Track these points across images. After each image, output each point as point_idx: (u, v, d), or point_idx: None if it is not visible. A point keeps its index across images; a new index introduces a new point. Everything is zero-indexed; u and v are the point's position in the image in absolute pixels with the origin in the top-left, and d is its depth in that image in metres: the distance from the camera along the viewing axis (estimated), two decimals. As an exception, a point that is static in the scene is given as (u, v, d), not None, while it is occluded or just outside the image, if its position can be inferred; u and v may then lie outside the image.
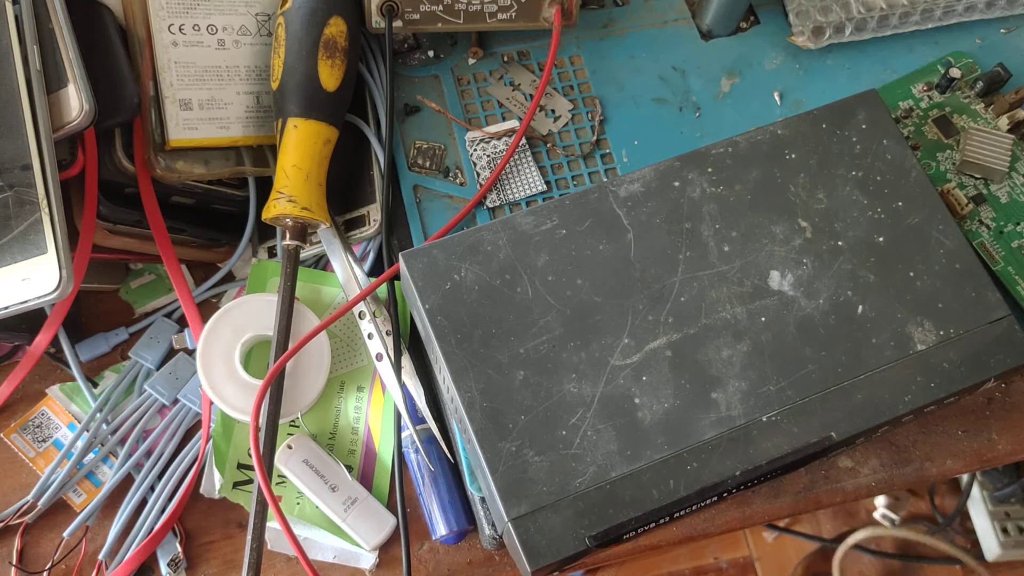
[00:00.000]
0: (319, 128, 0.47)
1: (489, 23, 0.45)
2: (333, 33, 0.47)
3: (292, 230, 0.46)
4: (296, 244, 0.46)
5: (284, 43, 0.47)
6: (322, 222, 0.47)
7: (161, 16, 0.46)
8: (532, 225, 0.42)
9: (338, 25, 0.47)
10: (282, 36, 0.47)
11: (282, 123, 0.47)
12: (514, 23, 0.46)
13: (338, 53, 0.47)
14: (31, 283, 0.39)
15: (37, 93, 0.40)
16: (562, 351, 0.40)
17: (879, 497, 1.09)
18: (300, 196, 0.46)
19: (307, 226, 0.47)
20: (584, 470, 0.38)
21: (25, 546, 0.46)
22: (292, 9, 0.47)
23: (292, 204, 0.45)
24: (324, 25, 0.47)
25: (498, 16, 0.45)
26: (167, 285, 0.51)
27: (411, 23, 0.46)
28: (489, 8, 0.44)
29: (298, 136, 0.46)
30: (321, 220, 0.47)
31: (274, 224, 0.47)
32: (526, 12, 0.46)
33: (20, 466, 0.48)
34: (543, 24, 0.46)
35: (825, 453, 0.41)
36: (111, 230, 0.47)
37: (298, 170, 0.46)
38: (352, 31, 0.48)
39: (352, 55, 0.48)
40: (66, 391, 0.49)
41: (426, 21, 0.47)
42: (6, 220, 0.40)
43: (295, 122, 0.46)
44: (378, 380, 0.48)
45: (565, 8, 0.46)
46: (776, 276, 0.43)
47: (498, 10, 0.44)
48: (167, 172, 0.46)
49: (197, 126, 0.47)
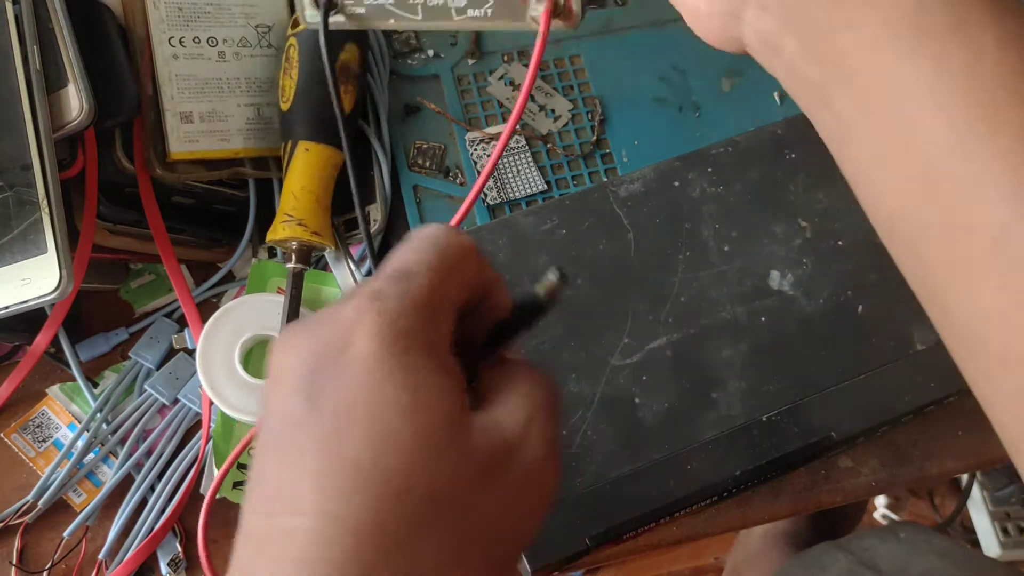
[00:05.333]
0: (330, 152, 0.47)
1: (456, 20, 0.35)
2: (347, 59, 0.47)
3: (298, 253, 0.46)
4: (302, 267, 0.46)
5: (297, 65, 0.46)
6: (329, 246, 0.47)
7: (161, 29, 0.46)
8: (532, 225, 0.42)
9: (352, 51, 0.47)
10: (295, 58, 0.47)
11: (292, 145, 0.47)
12: (489, 22, 0.35)
13: (351, 79, 0.47)
14: (31, 283, 0.39)
15: (37, 93, 0.40)
16: (562, 351, 0.40)
17: (879, 497, 1.09)
18: (310, 220, 0.46)
19: (313, 249, 0.47)
20: (584, 470, 0.38)
21: (25, 546, 0.46)
22: (306, 32, 0.47)
23: (303, 228, 0.45)
24: (340, 51, 0.47)
25: (468, 13, 0.35)
26: (167, 285, 0.51)
27: (354, 18, 0.37)
28: (456, 3, 0.35)
29: (309, 160, 0.46)
30: (329, 245, 0.47)
31: (278, 246, 0.47)
32: (506, 9, 0.35)
33: (20, 466, 0.48)
34: (529, 25, 0.35)
35: (825, 453, 0.41)
36: (111, 230, 0.47)
37: (308, 193, 0.46)
38: (363, 56, 0.48)
39: (363, 80, 0.48)
40: (66, 391, 0.49)
41: (374, 16, 0.37)
42: (6, 220, 0.40)
43: (306, 145, 0.46)
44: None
45: (560, 5, 0.35)
46: (776, 276, 0.43)
47: (467, 5, 0.35)
48: (167, 172, 0.46)
49: (198, 139, 0.47)
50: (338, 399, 0.21)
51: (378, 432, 0.21)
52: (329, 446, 0.21)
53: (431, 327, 0.23)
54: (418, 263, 0.24)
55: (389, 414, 0.21)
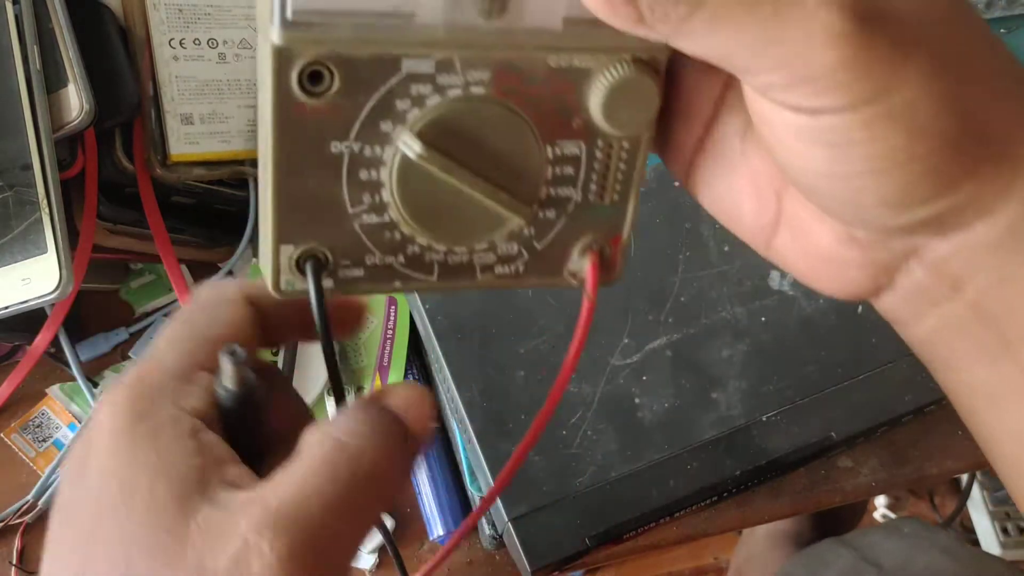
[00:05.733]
0: None
1: (480, 279, 0.29)
2: None
3: None
4: None
5: None
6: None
7: (162, 31, 0.46)
8: (532, 225, 0.42)
9: None
10: None
11: None
12: (518, 279, 0.29)
13: None
14: (31, 283, 0.39)
15: (37, 93, 0.40)
16: (562, 351, 0.40)
17: (879, 497, 1.09)
18: None
19: None
20: (584, 470, 0.38)
21: (25, 546, 0.46)
22: None
23: None
24: None
25: (496, 270, 0.29)
26: (167, 285, 0.51)
27: (348, 283, 0.27)
28: (483, 259, 0.29)
29: None
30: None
31: None
32: (541, 265, 0.29)
33: (20, 466, 0.48)
34: (568, 282, 0.29)
35: (825, 453, 0.41)
36: (111, 230, 0.47)
37: None
38: None
39: None
40: (66, 391, 0.49)
41: (375, 279, 0.28)
42: (6, 220, 0.40)
43: None
44: (378, 380, 0.48)
45: (605, 258, 0.29)
46: (776, 276, 0.43)
47: (497, 261, 0.29)
48: (167, 172, 0.46)
49: (199, 140, 0.47)
50: (84, 473, 0.22)
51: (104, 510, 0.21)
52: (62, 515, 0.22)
53: (162, 404, 0.22)
54: (164, 339, 0.24)
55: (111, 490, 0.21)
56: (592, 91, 0.25)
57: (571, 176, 0.27)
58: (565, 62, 0.25)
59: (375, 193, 0.26)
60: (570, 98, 0.26)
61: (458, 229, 0.27)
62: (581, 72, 0.26)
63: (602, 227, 0.29)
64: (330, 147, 0.24)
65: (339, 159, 0.25)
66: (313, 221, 0.26)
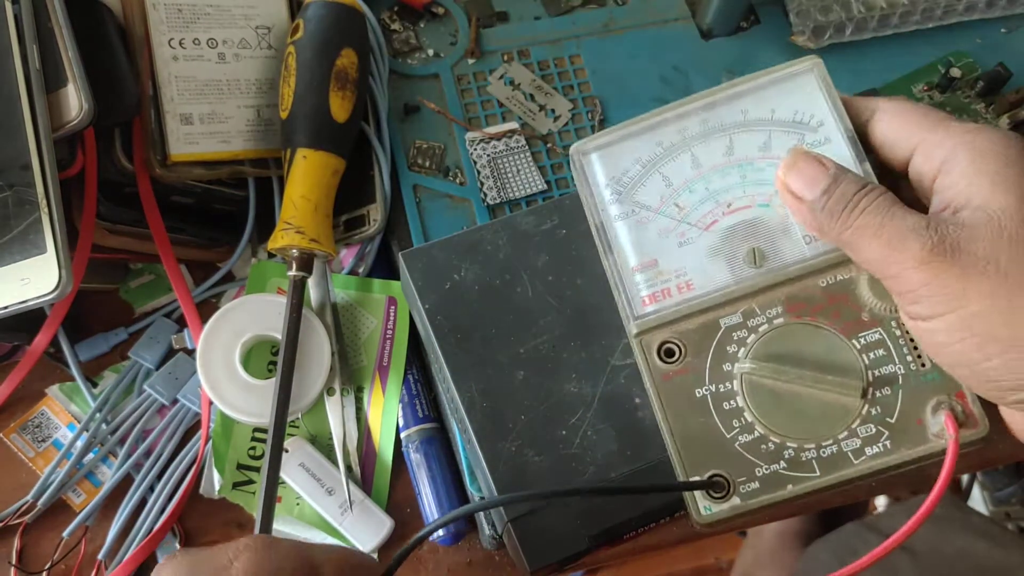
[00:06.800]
0: (328, 159, 0.47)
1: (856, 465, 0.33)
2: (344, 64, 0.47)
3: (298, 261, 0.46)
4: (302, 275, 0.46)
5: (295, 72, 0.46)
6: (330, 253, 0.47)
7: (161, 30, 0.46)
8: (532, 225, 0.42)
9: (349, 56, 0.47)
10: (292, 65, 0.47)
11: (291, 152, 0.47)
12: (891, 455, 0.33)
13: (349, 84, 0.47)
14: (30, 283, 0.39)
15: (37, 93, 0.40)
16: (562, 351, 0.40)
17: (879, 497, 1.09)
18: (308, 227, 0.46)
19: (314, 257, 0.47)
20: (584, 470, 0.38)
21: (25, 546, 0.46)
22: (304, 38, 0.46)
23: (300, 235, 0.45)
24: (336, 56, 0.46)
25: (866, 452, 0.33)
26: (167, 285, 0.51)
27: (749, 495, 0.34)
28: (850, 446, 0.33)
29: (307, 167, 0.46)
30: (329, 252, 0.46)
31: (279, 254, 0.47)
32: (904, 436, 0.33)
33: (20, 466, 0.48)
34: (939, 444, 0.33)
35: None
36: (111, 230, 0.47)
37: (306, 201, 0.46)
38: (362, 62, 0.48)
39: (361, 86, 0.48)
40: (66, 391, 0.49)
41: (769, 486, 0.34)
42: (6, 220, 0.40)
43: (304, 152, 0.46)
44: (378, 380, 0.48)
45: (959, 414, 0.32)
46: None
47: (863, 444, 0.33)
48: (166, 172, 0.46)
49: (198, 140, 0.47)
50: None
51: None
52: None
53: None
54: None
55: None
56: (861, 291, 0.33)
57: (885, 356, 0.33)
58: (831, 279, 0.33)
59: (739, 418, 0.33)
60: (849, 301, 0.33)
61: (815, 426, 0.33)
62: (847, 282, 0.33)
63: (940, 388, 0.33)
64: (695, 394, 0.34)
65: (705, 400, 0.34)
66: (705, 452, 0.34)
